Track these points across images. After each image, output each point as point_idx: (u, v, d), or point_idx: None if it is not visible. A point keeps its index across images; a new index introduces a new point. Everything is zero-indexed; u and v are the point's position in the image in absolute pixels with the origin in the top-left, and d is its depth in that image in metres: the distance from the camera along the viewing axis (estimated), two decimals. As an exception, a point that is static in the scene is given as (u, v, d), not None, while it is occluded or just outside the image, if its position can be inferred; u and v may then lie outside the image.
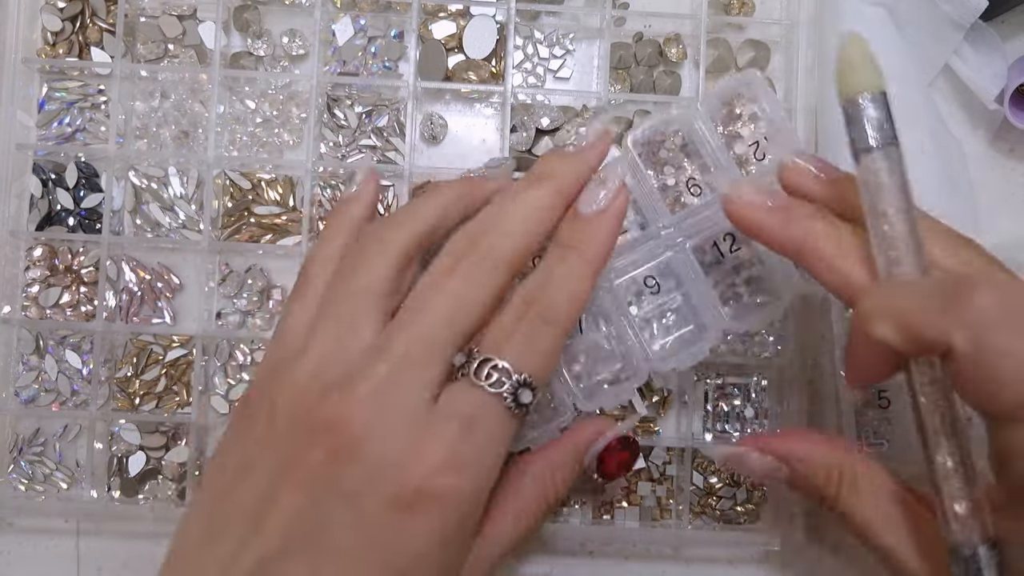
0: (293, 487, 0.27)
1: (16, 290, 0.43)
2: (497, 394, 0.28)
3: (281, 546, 0.27)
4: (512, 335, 0.29)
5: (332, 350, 0.29)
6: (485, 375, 0.28)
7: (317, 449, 0.27)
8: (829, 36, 0.43)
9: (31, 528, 0.44)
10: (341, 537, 0.27)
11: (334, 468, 0.27)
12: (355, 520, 0.27)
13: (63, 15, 0.44)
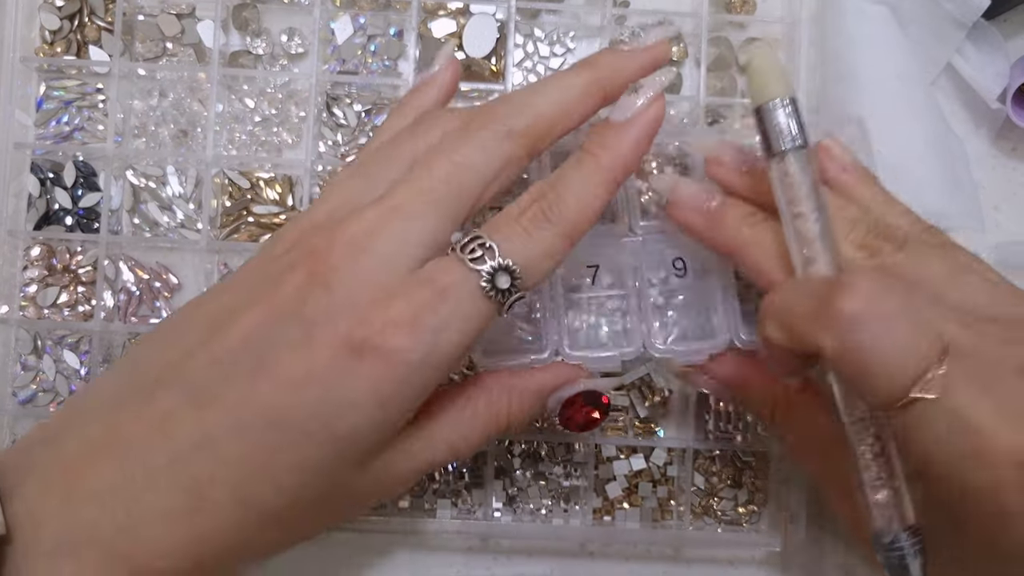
0: (264, 304, 0.28)
1: (14, 290, 0.43)
2: (476, 271, 0.28)
3: (230, 352, 0.28)
4: (511, 223, 0.30)
5: (349, 198, 0.30)
6: (470, 250, 0.28)
7: (298, 273, 0.28)
8: (831, 34, 0.43)
9: (29, 529, 0.43)
10: (286, 360, 0.27)
11: (304, 292, 0.28)
12: (304, 347, 0.27)
13: (61, 14, 0.44)
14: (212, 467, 0.27)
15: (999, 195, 0.45)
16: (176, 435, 0.27)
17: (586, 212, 0.30)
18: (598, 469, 0.44)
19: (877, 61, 0.42)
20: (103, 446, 0.27)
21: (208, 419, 0.27)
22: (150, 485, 0.27)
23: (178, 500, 0.27)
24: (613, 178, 0.31)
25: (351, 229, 0.28)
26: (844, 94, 0.42)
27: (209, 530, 0.27)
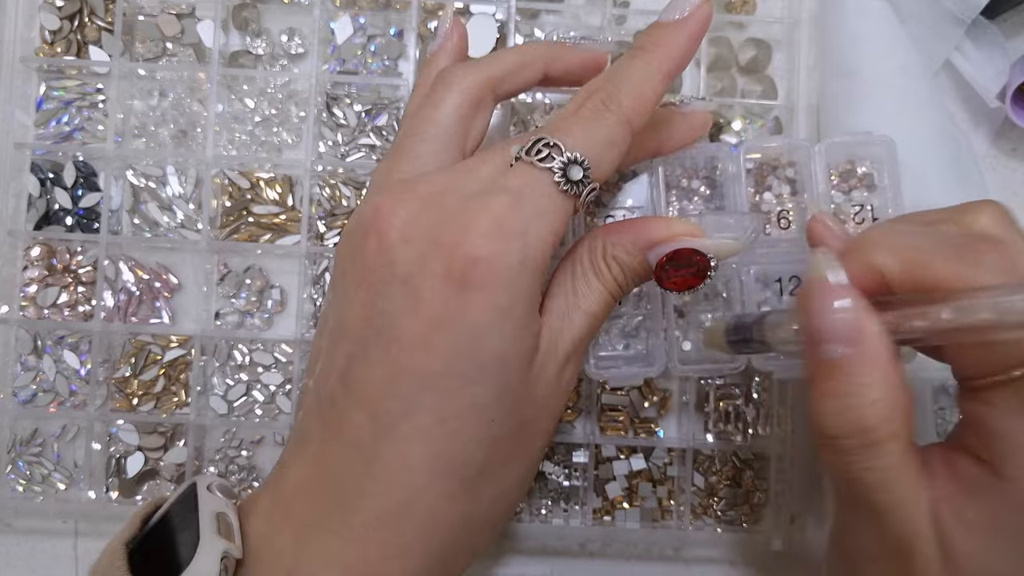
0: (359, 284, 0.29)
1: (14, 290, 0.43)
2: (547, 169, 0.28)
3: (360, 341, 0.28)
4: (569, 119, 0.30)
5: (386, 170, 0.31)
6: (536, 151, 0.29)
7: (369, 240, 0.29)
8: (831, 31, 0.43)
9: (29, 529, 0.44)
10: (404, 324, 0.28)
11: (385, 256, 0.28)
12: (413, 304, 0.27)
13: (61, 14, 0.44)
14: (404, 458, 0.27)
15: (999, 195, 0.45)
16: (365, 449, 0.28)
17: (642, 101, 0.30)
18: (598, 469, 0.44)
19: (879, 56, 0.42)
20: (314, 481, 0.29)
21: (383, 420, 0.28)
22: (360, 502, 0.28)
23: (390, 502, 0.28)
24: (666, 71, 0.31)
25: (417, 189, 0.29)
26: (846, 91, 0.42)
27: (426, 518, 0.28)
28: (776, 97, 0.45)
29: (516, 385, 0.28)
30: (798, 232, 0.39)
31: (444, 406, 0.27)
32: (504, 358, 0.28)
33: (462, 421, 0.27)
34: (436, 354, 0.27)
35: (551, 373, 0.30)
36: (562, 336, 0.30)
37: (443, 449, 0.27)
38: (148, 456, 0.43)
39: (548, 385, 0.30)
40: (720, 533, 0.44)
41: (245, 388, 0.43)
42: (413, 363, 0.27)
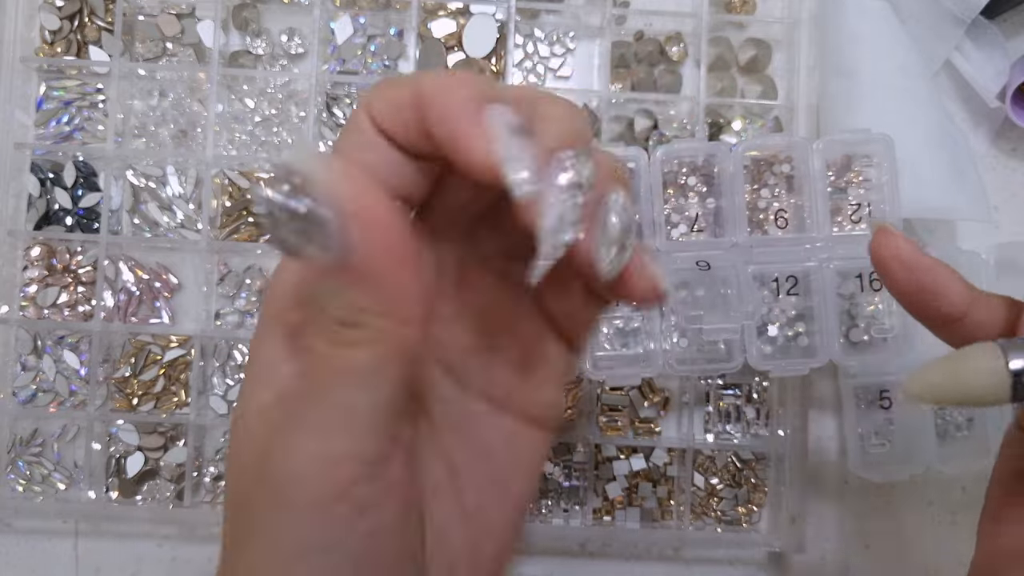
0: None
1: (14, 290, 0.43)
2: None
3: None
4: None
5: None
6: None
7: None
8: (831, 30, 0.43)
9: (29, 529, 0.43)
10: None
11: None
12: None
13: (61, 14, 0.44)
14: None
15: (999, 195, 0.45)
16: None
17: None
18: (598, 469, 0.44)
19: (878, 56, 0.42)
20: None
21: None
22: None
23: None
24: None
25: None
26: (846, 90, 0.42)
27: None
28: (776, 97, 0.45)
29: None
30: (794, 231, 0.39)
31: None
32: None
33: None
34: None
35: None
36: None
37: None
38: (148, 456, 0.43)
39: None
40: (720, 533, 0.44)
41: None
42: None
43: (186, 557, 0.43)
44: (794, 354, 0.39)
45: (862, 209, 0.39)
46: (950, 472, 0.44)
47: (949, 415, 0.43)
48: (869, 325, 0.40)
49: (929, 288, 0.24)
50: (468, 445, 0.26)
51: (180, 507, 0.43)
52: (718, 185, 0.39)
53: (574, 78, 0.45)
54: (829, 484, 0.45)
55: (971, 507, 0.45)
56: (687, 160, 0.39)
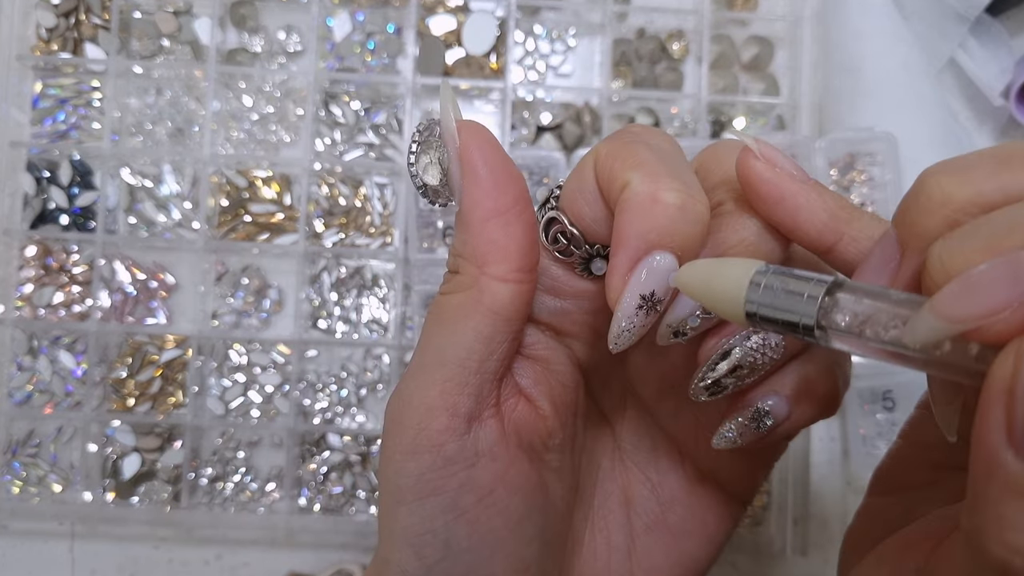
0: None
1: (9, 289, 0.43)
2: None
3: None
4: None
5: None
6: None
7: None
8: (834, 27, 0.43)
9: (25, 531, 0.43)
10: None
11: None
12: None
13: (58, 11, 0.43)
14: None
15: (1004, 194, 0.45)
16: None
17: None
18: (599, 470, 0.43)
19: (882, 53, 0.41)
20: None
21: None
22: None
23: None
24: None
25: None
26: (849, 87, 0.42)
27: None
28: (778, 95, 0.45)
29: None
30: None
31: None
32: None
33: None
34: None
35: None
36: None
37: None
38: (145, 457, 0.43)
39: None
40: (722, 535, 0.43)
41: (242, 389, 0.43)
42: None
43: (183, 559, 0.43)
44: None
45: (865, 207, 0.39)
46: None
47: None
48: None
49: (785, 223, 0.22)
50: (647, 479, 0.26)
51: (177, 509, 0.42)
52: None
53: (575, 75, 0.45)
54: (832, 486, 0.44)
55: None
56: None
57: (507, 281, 0.21)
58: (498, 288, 0.21)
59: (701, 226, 0.20)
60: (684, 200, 0.19)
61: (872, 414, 0.43)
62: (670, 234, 0.19)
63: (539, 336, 0.23)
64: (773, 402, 0.22)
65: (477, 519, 0.22)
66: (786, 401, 0.22)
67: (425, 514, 0.22)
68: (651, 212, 0.19)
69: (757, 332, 0.21)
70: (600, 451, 0.26)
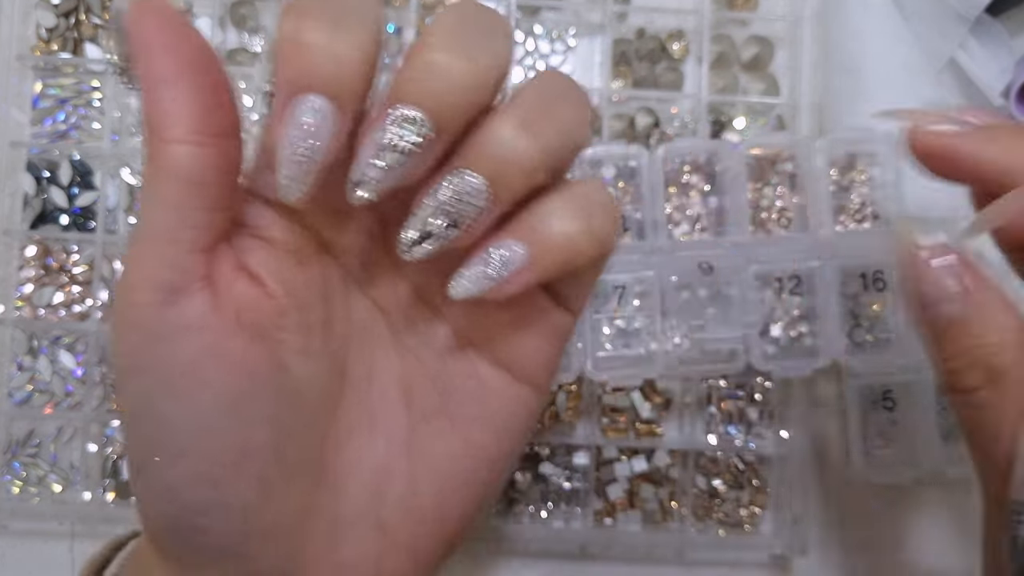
0: None
1: (9, 289, 0.43)
2: None
3: None
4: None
5: None
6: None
7: None
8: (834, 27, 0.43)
9: (25, 531, 0.43)
10: None
11: None
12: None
13: (58, 11, 0.43)
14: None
15: (1004, 194, 0.45)
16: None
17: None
18: (599, 471, 0.43)
19: (881, 53, 0.41)
20: None
21: None
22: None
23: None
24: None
25: None
26: (849, 87, 0.42)
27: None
28: (778, 95, 0.45)
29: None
30: (797, 230, 0.38)
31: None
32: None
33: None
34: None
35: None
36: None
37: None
38: (145, 457, 0.43)
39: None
40: (722, 536, 0.43)
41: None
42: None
43: (183, 559, 0.43)
44: (797, 354, 0.39)
45: (865, 208, 0.39)
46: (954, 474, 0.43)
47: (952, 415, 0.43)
48: (872, 325, 0.39)
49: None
50: (426, 368, 0.25)
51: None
52: (720, 184, 0.39)
53: (575, 75, 0.45)
54: (832, 486, 0.44)
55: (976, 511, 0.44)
56: (689, 158, 0.39)
57: (183, 143, 0.20)
58: (179, 151, 0.20)
59: (356, 64, 0.20)
60: (330, 37, 0.19)
61: (872, 413, 0.43)
62: (319, 74, 0.19)
63: (268, 215, 0.23)
64: (507, 246, 0.22)
65: (185, 393, 0.21)
66: (522, 246, 0.22)
67: (138, 391, 0.22)
68: (296, 55, 0.20)
69: (455, 178, 0.21)
70: (373, 341, 0.25)
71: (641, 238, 0.39)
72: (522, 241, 0.22)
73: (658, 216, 0.38)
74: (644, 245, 0.39)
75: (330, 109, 0.20)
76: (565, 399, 0.43)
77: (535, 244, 0.22)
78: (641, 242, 0.39)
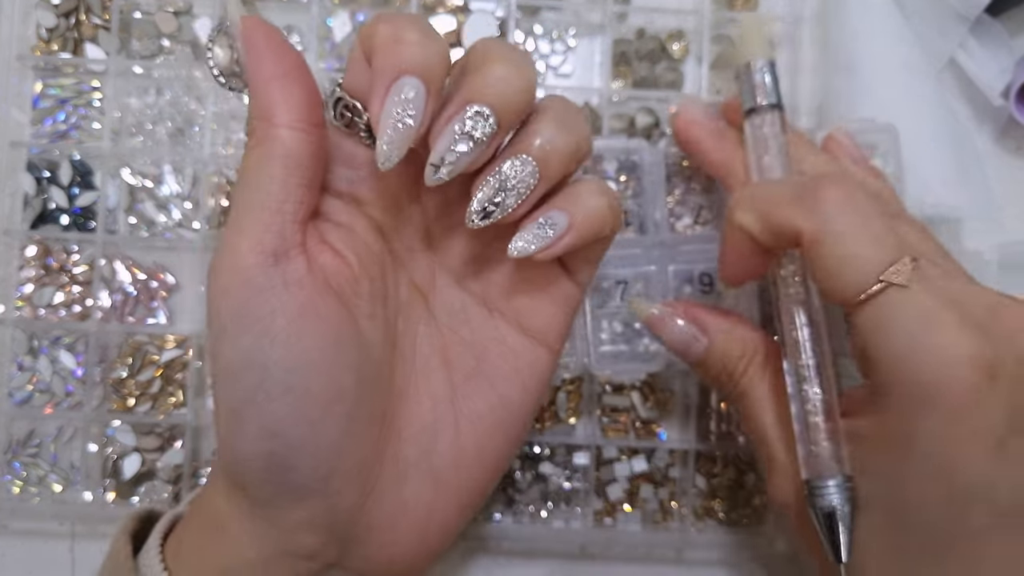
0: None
1: (9, 289, 0.43)
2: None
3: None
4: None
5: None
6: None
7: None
8: (834, 27, 0.43)
9: (25, 531, 0.43)
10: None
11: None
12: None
13: (58, 11, 0.43)
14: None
15: (1003, 194, 0.45)
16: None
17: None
18: (599, 471, 0.43)
19: (882, 53, 0.41)
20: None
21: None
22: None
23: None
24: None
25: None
26: (849, 86, 0.42)
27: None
28: (778, 95, 0.45)
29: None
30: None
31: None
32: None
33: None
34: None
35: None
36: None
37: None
38: (145, 457, 0.43)
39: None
40: (722, 535, 0.43)
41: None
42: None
43: (183, 559, 0.43)
44: None
45: None
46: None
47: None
48: None
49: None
50: (461, 338, 0.30)
51: (177, 509, 0.42)
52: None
53: (575, 76, 0.45)
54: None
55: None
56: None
57: (293, 128, 0.25)
58: (286, 134, 0.25)
59: (439, 58, 0.24)
60: (421, 37, 0.24)
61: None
62: (415, 62, 0.24)
63: (339, 205, 0.28)
64: (554, 215, 0.27)
65: (289, 340, 0.25)
66: (565, 215, 0.27)
67: (243, 345, 0.25)
68: (395, 48, 0.24)
69: (512, 159, 0.26)
70: (416, 318, 0.31)
71: (642, 232, 0.39)
72: (564, 211, 0.27)
73: (659, 210, 0.38)
74: (645, 239, 0.39)
75: (423, 89, 0.24)
76: (565, 399, 0.43)
77: (575, 214, 0.27)
78: (642, 236, 0.39)
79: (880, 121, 0.38)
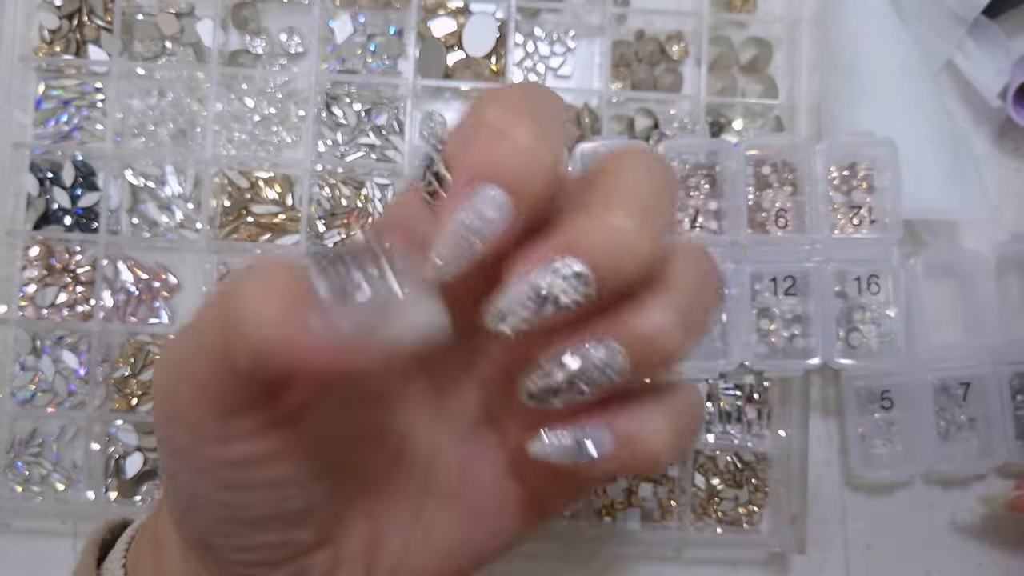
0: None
1: (13, 289, 0.43)
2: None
3: None
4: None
5: None
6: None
7: None
8: (832, 28, 0.43)
9: (28, 530, 0.43)
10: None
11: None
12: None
13: (60, 13, 0.44)
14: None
15: (1000, 195, 0.45)
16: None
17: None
18: (598, 470, 0.43)
19: (879, 54, 0.42)
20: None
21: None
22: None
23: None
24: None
25: None
26: (847, 88, 0.42)
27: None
28: (777, 96, 0.45)
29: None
30: (795, 231, 0.39)
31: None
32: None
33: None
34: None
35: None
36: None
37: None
38: (147, 456, 0.43)
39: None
40: (721, 534, 0.44)
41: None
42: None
43: (185, 558, 0.43)
44: (790, 355, 0.39)
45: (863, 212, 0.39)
46: (952, 473, 0.44)
47: (949, 414, 0.43)
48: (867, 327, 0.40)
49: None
50: (457, 456, 0.25)
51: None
52: (720, 183, 0.39)
53: (574, 77, 0.45)
54: (830, 485, 0.45)
55: (973, 508, 0.44)
56: (689, 157, 0.39)
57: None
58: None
59: (544, 177, 0.18)
60: (533, 141, 0.18)
61: (870, 413, 0.43)
62: (510, 174, 0.18)
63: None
64: (600, 435, 0.21)
65: (227, 483, 0.21)
66: (613, 439, 0.20)
67: (174, 467, 0.22)
68: (493, 144, 0.18)
69: (602, 346, 0.19)
70: (424, 403, 0.25)
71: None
72: (613, 433, 0.21)
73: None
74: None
75: (510, 206, 0.18)
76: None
77: (624, 442, 0.21)
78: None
79: (879, 135, 0.38)
